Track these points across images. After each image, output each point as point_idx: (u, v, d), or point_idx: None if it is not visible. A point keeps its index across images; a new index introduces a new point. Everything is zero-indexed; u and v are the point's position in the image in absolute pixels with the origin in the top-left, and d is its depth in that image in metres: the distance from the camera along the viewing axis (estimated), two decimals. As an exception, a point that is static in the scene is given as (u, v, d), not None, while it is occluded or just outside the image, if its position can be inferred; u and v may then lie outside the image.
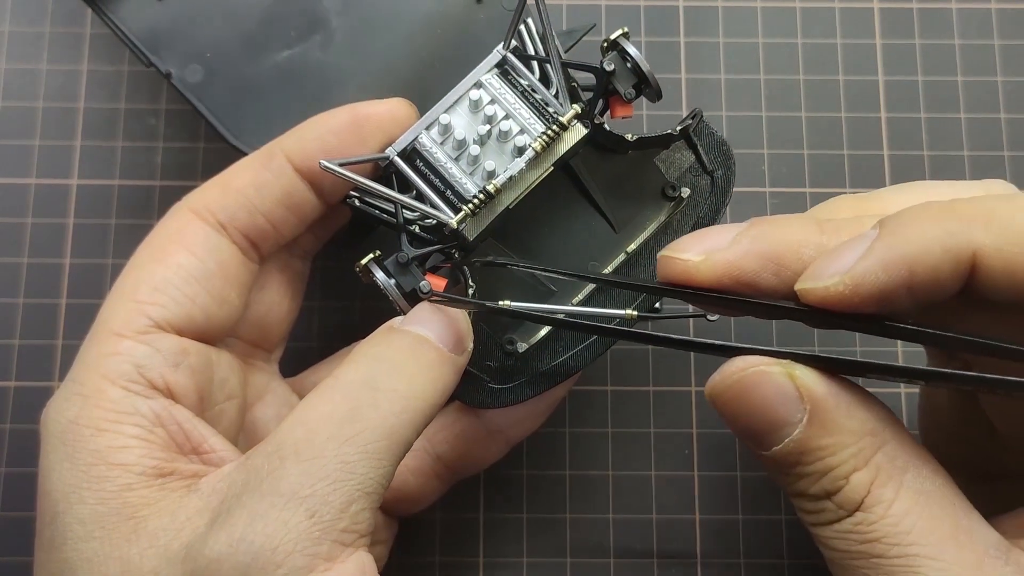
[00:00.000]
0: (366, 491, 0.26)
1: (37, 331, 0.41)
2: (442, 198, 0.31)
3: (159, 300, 0.30)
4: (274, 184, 0.31)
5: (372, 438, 0.26)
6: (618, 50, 0.32)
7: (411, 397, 0.27)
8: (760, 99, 0.43)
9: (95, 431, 0.28)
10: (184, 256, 0.30)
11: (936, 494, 0.25)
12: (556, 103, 0.31)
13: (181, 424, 0.29)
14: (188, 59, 0.35)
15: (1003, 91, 0.43)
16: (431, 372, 0.28)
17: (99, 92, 0.43)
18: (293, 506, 0.25)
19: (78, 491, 0.27)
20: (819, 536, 0.26)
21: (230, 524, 0.25)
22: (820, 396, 0.25)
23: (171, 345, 0.30)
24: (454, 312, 0.30)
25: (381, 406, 0.27)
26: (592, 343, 0.33)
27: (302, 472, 0.25)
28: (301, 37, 0.36)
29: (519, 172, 0.31)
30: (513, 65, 0.32)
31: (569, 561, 0.39)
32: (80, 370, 0.29)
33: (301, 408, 0.27)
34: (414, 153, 0.32)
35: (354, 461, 0.26)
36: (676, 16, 0.44)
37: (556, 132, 0.31)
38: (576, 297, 0.33)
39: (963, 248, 0.24)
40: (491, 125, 0.31)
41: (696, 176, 0.34)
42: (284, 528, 0.25)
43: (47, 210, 0.42)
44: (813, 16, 0.44)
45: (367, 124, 0.31)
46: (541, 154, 0.31)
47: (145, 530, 0.26)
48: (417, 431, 0.28)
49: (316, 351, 0.40)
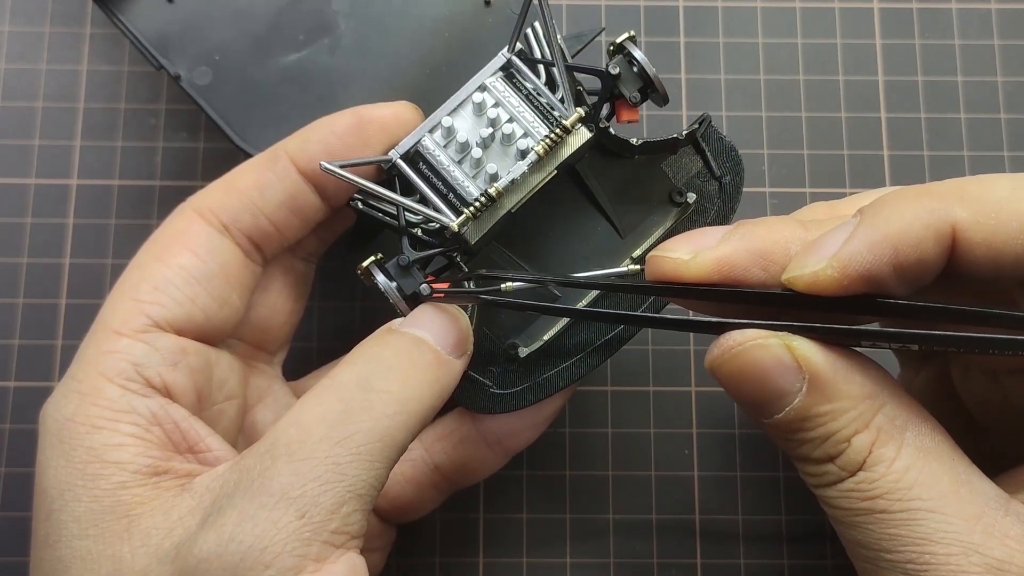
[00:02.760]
0: (358, 493, 0.26)
1: (37, 331, 0.41)
2: (445, 201, 0.31)
3: (159, 299, 0.30)
4: (277, 186, 0.31)
5: (365, 440, 0.26)
6: (624, 54, 0.31)
7: (405, 399, 0.27)
8: (760, 99, 0.43)
9: (91, 428, 0.28)
10: (186, 256, 0.30)
11: (936, 450, 0.26)
12: (561, 107, 0.31)
13: (178, 423, 0.29)
14: (197, 61, 0.35)
15: (1003, 91, 0.43)
16: (427, 374, 0.28)
17: (99, 92, 0.43)
18: (283, 506, 0.25)
19: (73, 489, 0.27)
20: (823, 497, 0.27)
21: (220, 523, 0.25)
22: (818, 365, 0.26)
23: (170, 344, 0.30)
24: (454, 315, 0.30)
25: (375, 408, 0.27)
26: (594, 350, 0.32)
27: (293, 472, 0.25)
28: (309, 40, 0.36)
29: (521, 175, 0.30)
30: (518, 68, 0.32)
31: (569, 561, 0.39)
32: (79, 367, 0.29)
33: (295, 409, 0.27)
34: (417, 156, 0.32)
35: (346, 462, 0.26)
36: (676, 16, 0.44)
37: (559, 135, 0.30)
38: (580, 303, 0.33)
39: (943, 222, 0.25)
40: (495, 128, 0.31)
41: (704, 182, 0.34)
42: (274, 528, 0.25)
43: (47, 210, 0.42)
44: (813, 16, 0.44)
45: (371, 127, 0.31)
46: (544, 157, 0.30)
47: (138, 528, 0.26)
48: (412, 434, 0.27)
49: (316, 352, 0.40)
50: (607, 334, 0.33)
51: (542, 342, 0.33)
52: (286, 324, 0.35)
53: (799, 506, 0.40)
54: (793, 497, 0.40)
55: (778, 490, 0.40)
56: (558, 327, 0.33)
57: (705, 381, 0.41)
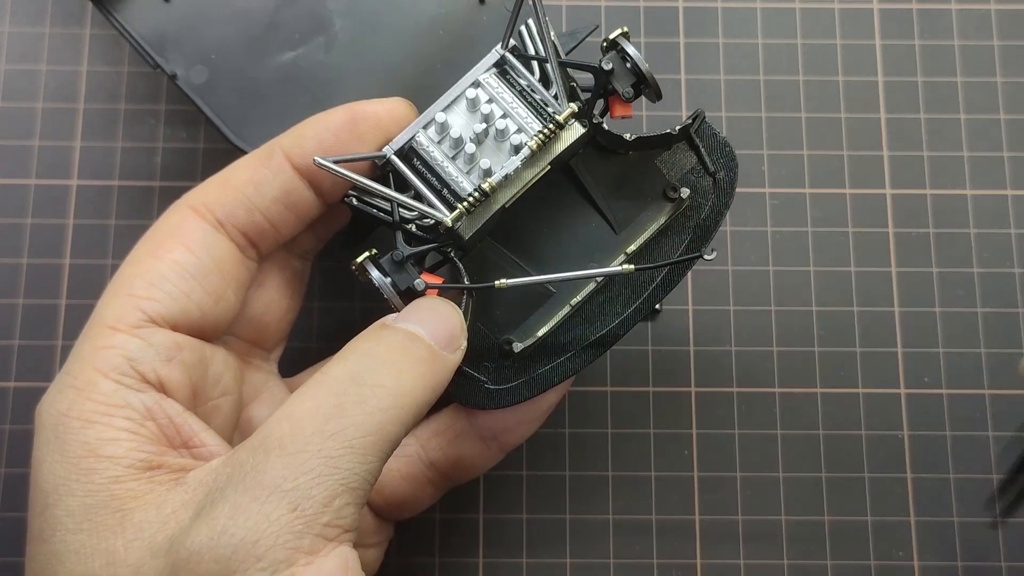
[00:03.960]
0: (350, 486, 0.26)
1: (37, 331, 0.41)
2: (439, 197, 0.31)
3: (154, 295, 0.30)
4: (272, 182, 0.31)
5: (357, 433, 0.26)
6: (617, 50, 0.31)
7: (399, 394, 0.27)
8: (760, 99, 0.43)
9: (85, 423, 0.28)
10: (180, 252, 0.30)
11: None
12: (555, 103, 0.31)
13: (172, 418, 0.29)
14: (193, 60, 0.35)
15: (1003, 91, 0.43)
16: (420, 368, 0.28)
17: (99, 92, 0.43)
18: (275, 499, 0.25)
19: (67, 483, 0.27)
20: None
21: (212, 517, 0.25)
22: None
23: (164, 340, 0.30)
24: (448, 310, 0.30)
25: (368, 402, 0.27)
26: (590, 345, 0.33)
27: (285, 465, 0.25)
28: (305, 39, 0.36)
29: (515, 170, 0.30)
30: (512, 65, 0.32)
31: (569, 561, 0.39)
32: (73, 363, 0.29)
33: (288, 403, 0.27)
34: (411, 152, 0.32)
35: (338, 456, 0.26)
36: (676, 16, 0.44)
37: (552, 131, 0.30)
38: (576, 297, 0.33)
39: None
40: (488, 124, 0.31)
41: (698, 177, 0.34)
42: (266, 521, 0.25)
43: (47, 210, 0.42)
44: (813, 16, 0.44)
45: (365, 123, 0.32)
46: (537, 152, 0.30)
47: (131, 522, 0.26)
48: (405, 428, 0.27)
49: (316, 351, 0.40)
50: (603, 329, 0.33)
51: (536, 337, 0.33)
52: (283, 321, 0.35)
53: (799, 506, 0.40)
54: (793, 497, 0.40)
55: (778, 490, 0.40)
56: (553, 322, 0.33)
57: (705, 381, 0.41)
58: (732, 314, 0.41)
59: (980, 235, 0.42)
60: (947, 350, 0.41)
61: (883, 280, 0.42)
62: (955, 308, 0.41)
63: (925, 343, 0.41)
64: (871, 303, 0.41)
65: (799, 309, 0.41)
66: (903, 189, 0.43)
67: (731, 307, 0.41)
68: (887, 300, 0.41)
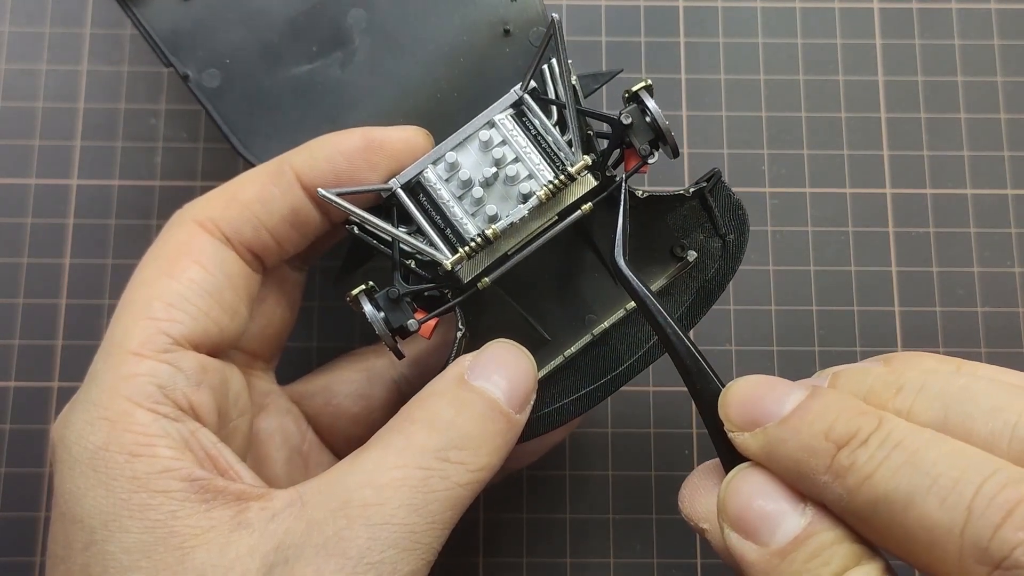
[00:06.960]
0: (428, 561, 0.27)
1: (37, 331, 0.41)
2: (441, 236, 0.31)
3: (175, 316, 0.29)
4: (281, 200, 0.31)
5: (440, 509, 0.27)
6: (638, 103, 0.31)
7: (478, 468, 0.28)
8: (760, 99, 0.43)
9: (129, 457, 0.27)
10: (195, 270, 0.30)
11: None
12: (568, 150, 0.31)
13: (207, 449, 0.28)
14: (207, 63, 0.35)
15: (1003, 91, 0.43)
16: (498, 441, 0.29)
17: (99, 92, 0.43)
18: (361, 571, 0.25)
19: (119, 519, 0.26)
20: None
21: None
22: None
23: (192, 363, 0.29)
24: (526, 364, 0.30)
25: (450, 478, 0.27)
26: (594, 389, 0.32)
27: (371, 538, 0.26)
28: (322, 52, 0.35)
29: (520, 220, 0.30)
30: (529, 107, 0.31)
31: (569, 561, 0.39)
32: (99, 392, 0.28)
33: (371, 468, 0.27)
34: (418, 186, 0.31)
35: (422, 531, 0.26)
36: (676, 16, 0.44)
37: (563, 182, 0.30)
38: (571, 348, 0.32)
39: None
40: (499, 168, 0.31)
41: (707, 237, 0.33)
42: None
43: (47, 210, 0.42)
44: (813, 16, 0.44)
45: (380, 150, 0.31)
46: (546, 203, 0.30)
47: (192, 563, 0.26)
48: (476, 496, 0.28)
49: (316, 351, 0.40)
50: (609, 373, 0.32)
51: (539, 377, 0.32)
52: (282, 332, 0.34)
53: (799, 506, 0.40)
54: (793, 497, 0.40)
55: (778, 490, 0.40)
56: (555, 364, 0.32)
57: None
58: (732, 313, 0.41)
59: (980, 234, 0.42)
60: (947, 349, 0.41)
61: (883, 280, 0.42)
62: (955, 308, 0.41)
63: (925, 342, 0.41)
64: (871, 303, 0.41)
65: (799, 309, 0.41)
66: (903, 188, 0.43)
67: (731, 306, 0.41)
68: (887, 299, 0.41)
